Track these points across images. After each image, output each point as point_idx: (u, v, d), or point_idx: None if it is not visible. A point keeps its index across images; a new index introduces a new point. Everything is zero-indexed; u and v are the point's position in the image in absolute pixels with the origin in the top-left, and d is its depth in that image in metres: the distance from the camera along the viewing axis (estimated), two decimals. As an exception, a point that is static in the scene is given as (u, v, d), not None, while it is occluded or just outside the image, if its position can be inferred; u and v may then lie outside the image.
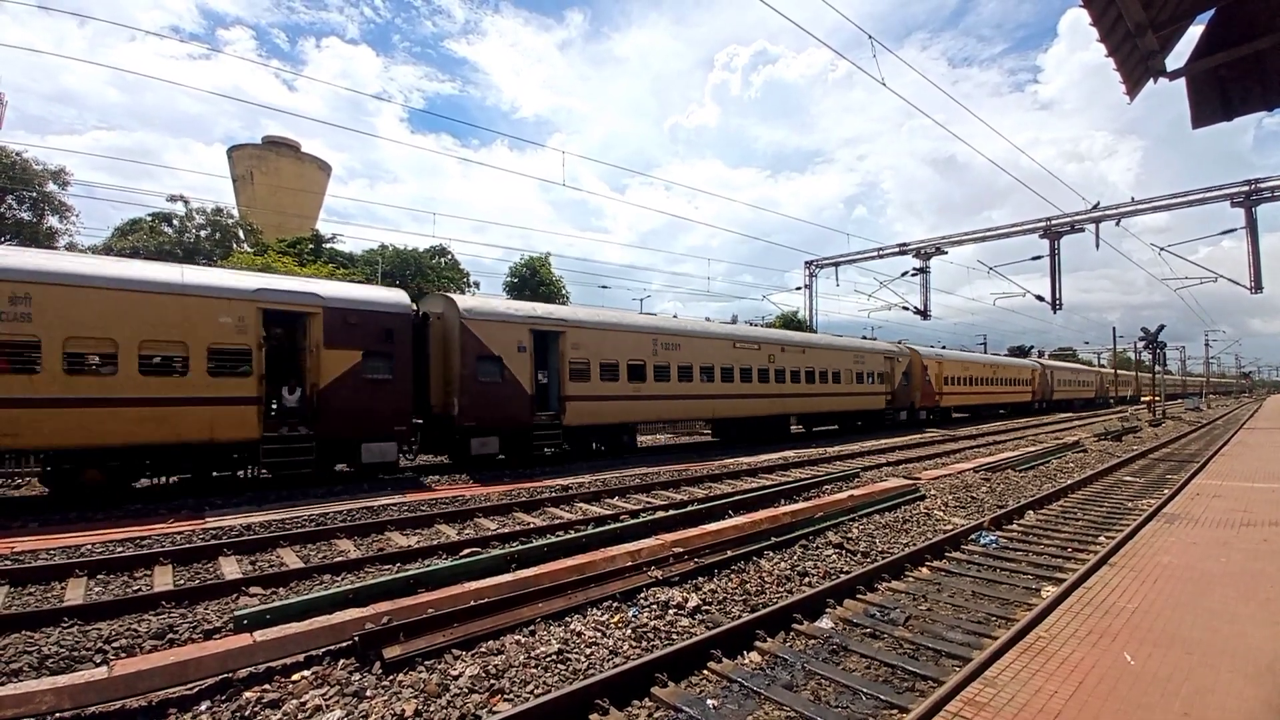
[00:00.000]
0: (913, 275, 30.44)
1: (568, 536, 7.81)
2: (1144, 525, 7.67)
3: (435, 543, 8.02)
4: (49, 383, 9.34)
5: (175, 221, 34.11)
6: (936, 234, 31.53)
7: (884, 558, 7.29)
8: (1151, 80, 3.85)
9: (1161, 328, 33.58)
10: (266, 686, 4.28)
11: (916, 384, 29.06)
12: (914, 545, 7.84)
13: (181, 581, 6.67)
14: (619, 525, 8.36)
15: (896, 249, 31.46)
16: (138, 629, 5.27)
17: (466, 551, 7.58)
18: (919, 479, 12.22)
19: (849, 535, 8.24)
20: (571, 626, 5.18)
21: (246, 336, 10.98)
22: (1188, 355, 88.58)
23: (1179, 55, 3.73)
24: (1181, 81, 3.79)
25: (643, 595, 5.85)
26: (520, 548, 7.20)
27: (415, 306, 14.19)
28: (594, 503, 11.04)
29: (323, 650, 4.67)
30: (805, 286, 36.71)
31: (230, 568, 7.13)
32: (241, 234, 36.01)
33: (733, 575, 6.54)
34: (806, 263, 36.55)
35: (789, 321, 54.40)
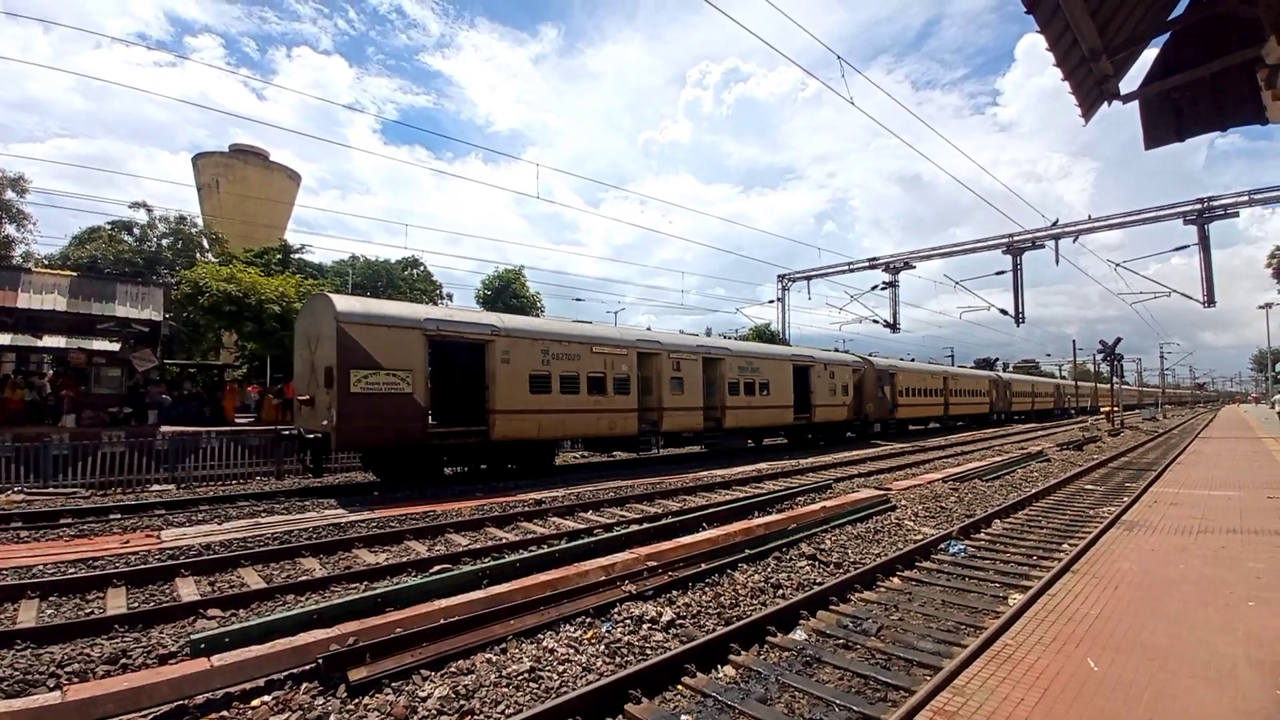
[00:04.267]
0: (882, 289, 31.03)
1: (540, 552, 7.71)
2: (1104, 533, 7.87)
3: (405, 560, 7.84)
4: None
5: (136, 230, 33.15)
6: (904, 249, 32.26)
7: (856, 568, 7.34)
8: (1106, 103, 4.00)
9: (1119, 340, 34.75)
10: (224, 713, 4.12)
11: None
12: (885, 555, 7.91)
13: (135, 604, 6.40)
14: (592, 539, 8.28)
15: (866, 263, 32.06)
16: (90, 654, 5.05)
17: (437, 568, 7.43)
18: (890, 490, 12.38)
19: (822, 546, 8.28)
20: (544, 643, 5.09)
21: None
22: (1144, 367, 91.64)
23: (1132, 79, 3.89)
24: (1135, 104, 3.95)
25: (616, 610, 5.79)
26: (492, 563, 7.08)
27: None
28: (567, 517, 10.93)
29: (285, 674, 4.51)
30: (778, 300, 37.17)
31: (187, 589, 6.86)
32: (206, 243, 35.15)
33: (707, 588, 6.52)
34: (779, 276, 37.04)
35: (762, 334, 55.05)
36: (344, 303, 12.60)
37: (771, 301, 38.05)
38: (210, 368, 27.34)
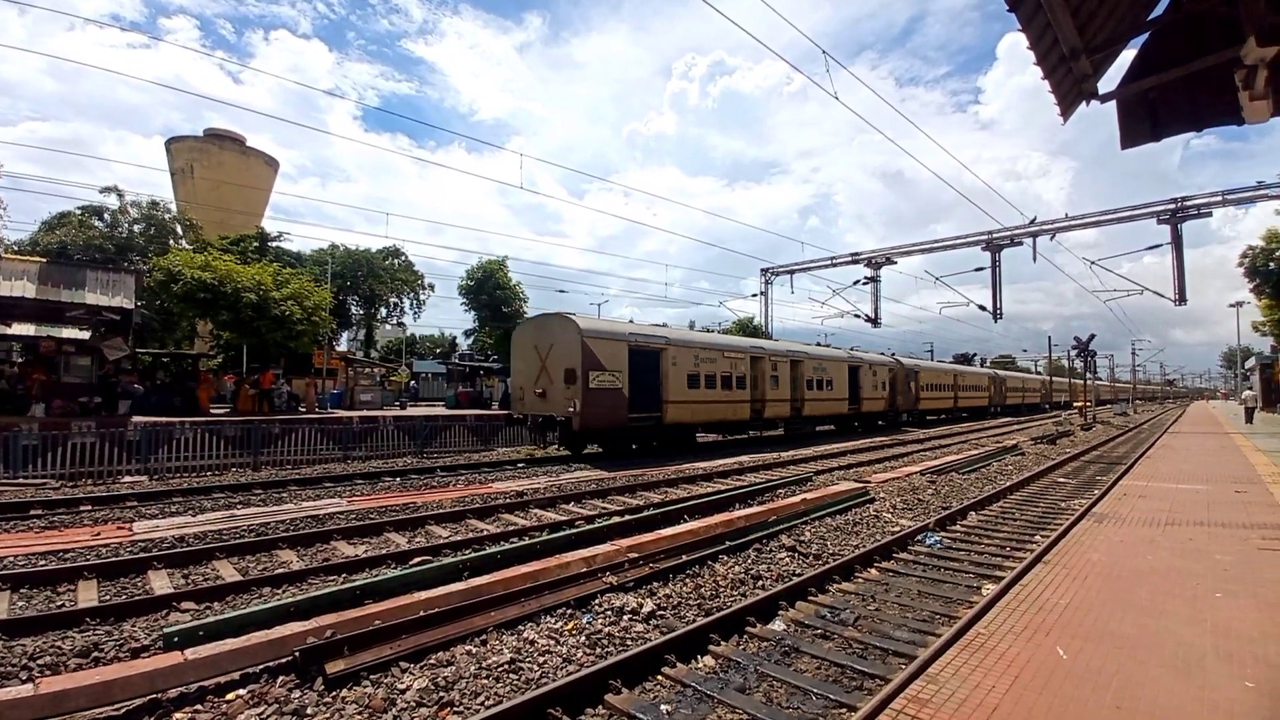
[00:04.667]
0: (864, 284, 31.33)
1: (522, 543, 7.70)
2: (1075, 524, 8.05)
3: (384, 552, 7.78)
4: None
5: (107, 216, 32.29)
6: (886, 245, 32.66)
7: (835, 559, 7.44)
8: (1084, 103, 4.05)
9: (1092, 336, 35.43)
10: (198, 707, 4.06)
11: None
12: (864, 547, 8.02)
13: (107, 597, 6.28)
14: (574, 531, 8.28)
15: (849, 258, 32.35)
16: (62, 646, 4.96)
17: (417, 560, 7.38)
18: (869, 482, 12.53)
19: (801, 538, 8.37)
20: (525, 635, 5.09)
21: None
22: (1116, 363, 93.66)
23: (1111, 79, 3.94)
24: (1112, 104, 4.00)
25: (597, 601, 5.81)
26: (473, 555, 7.05)
27: None
28: (549, 509, 10.92)
29: (260, 667, 4.46)
30: (761, 293, 37.34)
31: (160, 582, 6.75)
32: (179, 230, 34.36)
33: (688, 579, 6.56)
34: (762, 270, 37.20)
35: (745, 327, 55.27)
36: (585, 322, 16.94)
37: (755, 295, 38.15)
38: (183, 357, 26.80)
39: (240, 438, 16.07)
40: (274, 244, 35.00)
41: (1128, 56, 3.78)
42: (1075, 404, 49.66)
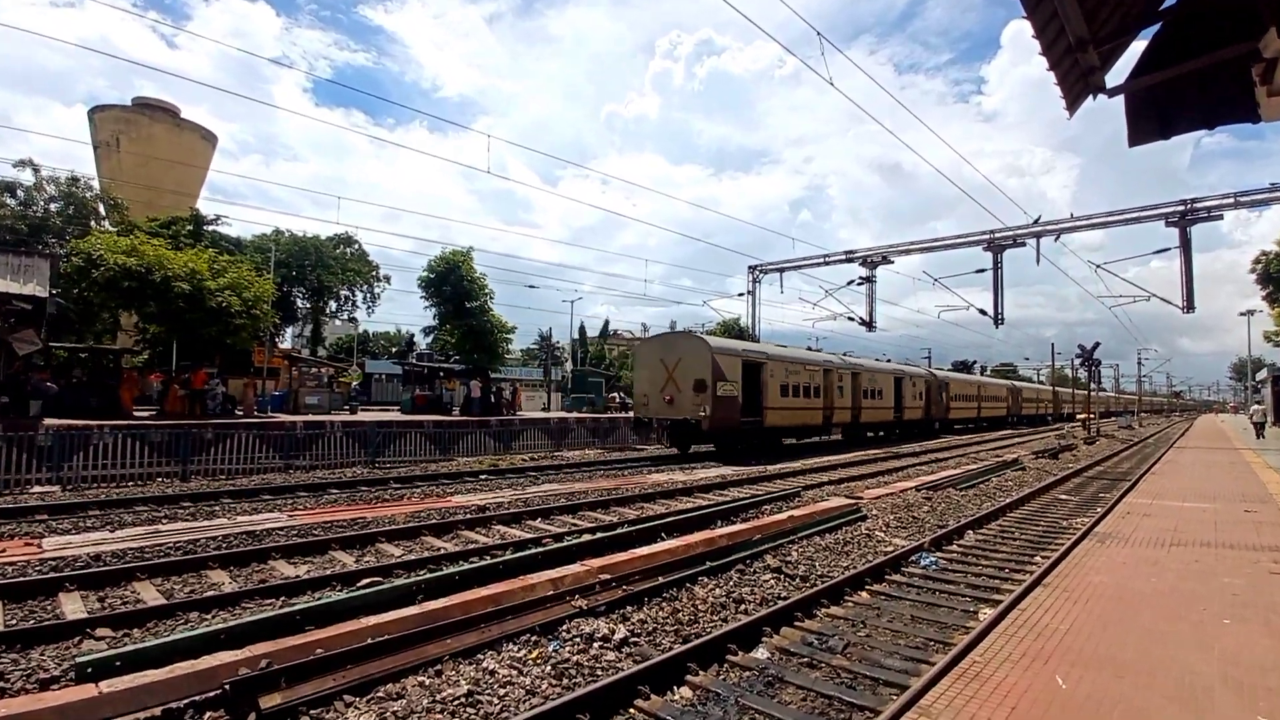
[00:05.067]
0: (858, 284, 31.70)
1: (482, 563, 7.63)
2: (1076, 545, 8.23)
3: (329, 572, 7.66)
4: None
5: (20, 193, 31.31)
6: (883, 243, 33.13)
7: (823, 582, 7.50)
8: (1091, 97, 4.14)
9: (1097, 345, 36.38)
10: (113, 746, 3.94)
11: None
12: (854, 568, 8.10)
13: (13, 622, 6.07)
14: (540, 550, 8.24)
15: (843, 256, 32.71)
16: (-46, 679, 4.77)
17: (366, 582, 7.27)
18: (861, 498, 12.68)
19: (788, 559, 8.43)
20: (484, 664, 5.04)
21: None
22: (1121, 373, 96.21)
23: (1119, 72, 4.03)
24: (1119, 99, 4.10)
25: (565, 627, 5.78)
26: (428, 576, 6.97)
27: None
28: (513, 525, 10.86)
29: (185, 702, 4.35)
30: (748, 292, 37.55)
31: (73, 605, 6.54)
32: (102, 209, 33.46)
33: (664, 603, 6.56)
34: (750, 267, 37.41)
35: (730, 329, 55.57)
36: (714, 341, 22.80)
37: (741, 294, 38.31)
38: (104, 353, 26.06)
39: (167, 444, 15.68)
40: (210, 227, 34.27)
41: (1137, 49, 3.87)
42: (1078, 416, 51.23)
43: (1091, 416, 40.36)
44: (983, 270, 27.82)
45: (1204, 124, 4.01)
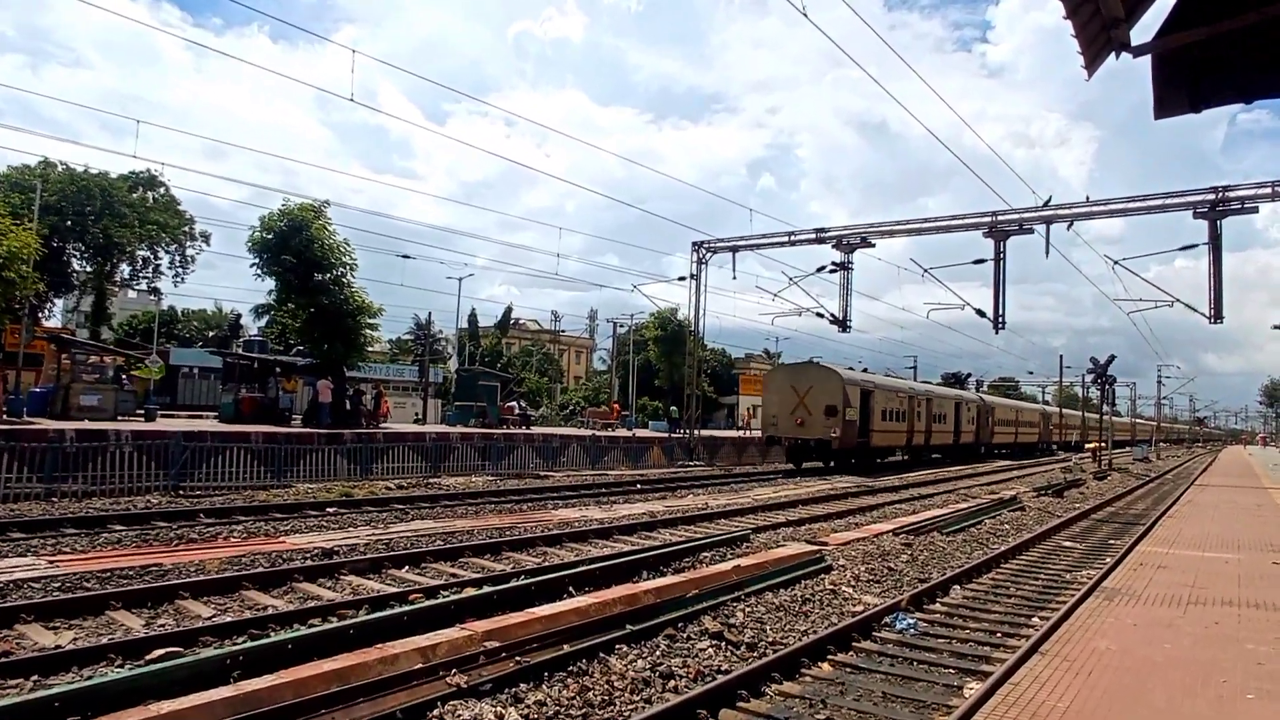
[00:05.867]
0: (830, 271, 32.68)
1: (326, 626, 7.42)
2: (1080, 603, 8.75)
3: (106, 640, 7.29)
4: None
5: None
6: (862, 220, 34.28)
7: (775, 651, 7.66)
8: (1113, 55, 4.37)
9: (1112, 359, 38.78)
10: None
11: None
12: (815, 633, 8.32)
13: None
14: (406, 609, 8.09)
15: (813, 234, 33.59)
16: None
17: (159, 654, 6.93)
18: (826, 544, 13.06)
19: (731, 621, 8.57)
20: (323, 764, 4.89)
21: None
22: (1138, 394, 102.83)
23: (1147, 28, 4.26)
24: (1146, 61, 4.34)
25: (437, 713, 5.68)
26: (248, 645, 6.72)
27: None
28: (371, 575, 10.62)
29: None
30: (692, 276, 38.00)
31: None
32: None
33: (570, 679, 6.55)
34: (695, 244, 37.90)
35: (666, 322, 56.10)
36: (844, 373, 35.14)
37: (682, 278, 38.83)
38: None
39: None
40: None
41: (1167, 4, 4.10)
42: (1087, 445, 55.04)
43: (1103, 446, 43.05)
44: (982, 261, 29.14)
45: (1241, 96, 4.28)
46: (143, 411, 27.79)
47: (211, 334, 62.89)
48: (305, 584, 9.98)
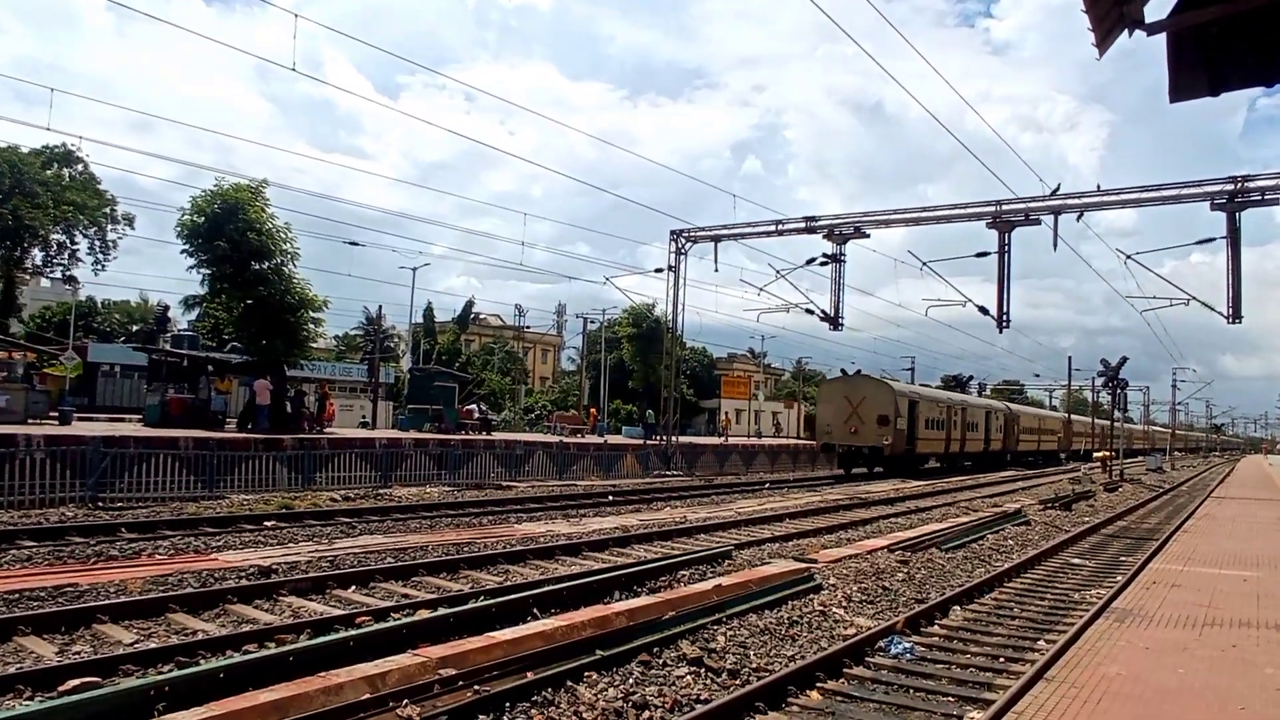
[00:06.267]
0: (821, 264, 32.85)
1: (263, 653, 7.35)
2: (1089, 625, 8.88)
3: (14, 670, 7.18)
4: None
5: None
6: (855, 208, 34.45)
7: (759, 678, 7.69)
8: (1126, 32, 4.43)
9: (1124, 361, 39.43)
10: None
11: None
12: (802, 658, 8.37)
13: None
14: (353, 633, 8.04)
15: (802, 223, 33.78)
16: None
17: (74, 684, 6.83)
18: (815, 561, 13.15)
19: (712, 645, 8.60)
20: (259, 806, 4.85)
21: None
22: (1152, 399, 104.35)
23: (1162, 4, 4.31)
24: (1161, 40, 4.40)
25: (386, 748, 5.64)
26: (175, 674, 6.64)
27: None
28: (313, 596, 10.55)
29: None
30: (670, 268, 38.08)
31: None
32: None
33: (535, 711, 6.54)
34: (674, 233, 37.98)
35: (641, 319, 56.18)
36: (897, 386, 47.31)
37: (659, 270, 38.94)
38: None
39: None
40: None
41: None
42: (1096, 455, 56.19)
43: (1113, 455, 43.71)
44: (985, 254, 29.44)
45: (1262, 79, 4.34)
46: (57, 414, 27.56)
47: (136, 328, 61.88)
48: (240, 606, 9.89)
